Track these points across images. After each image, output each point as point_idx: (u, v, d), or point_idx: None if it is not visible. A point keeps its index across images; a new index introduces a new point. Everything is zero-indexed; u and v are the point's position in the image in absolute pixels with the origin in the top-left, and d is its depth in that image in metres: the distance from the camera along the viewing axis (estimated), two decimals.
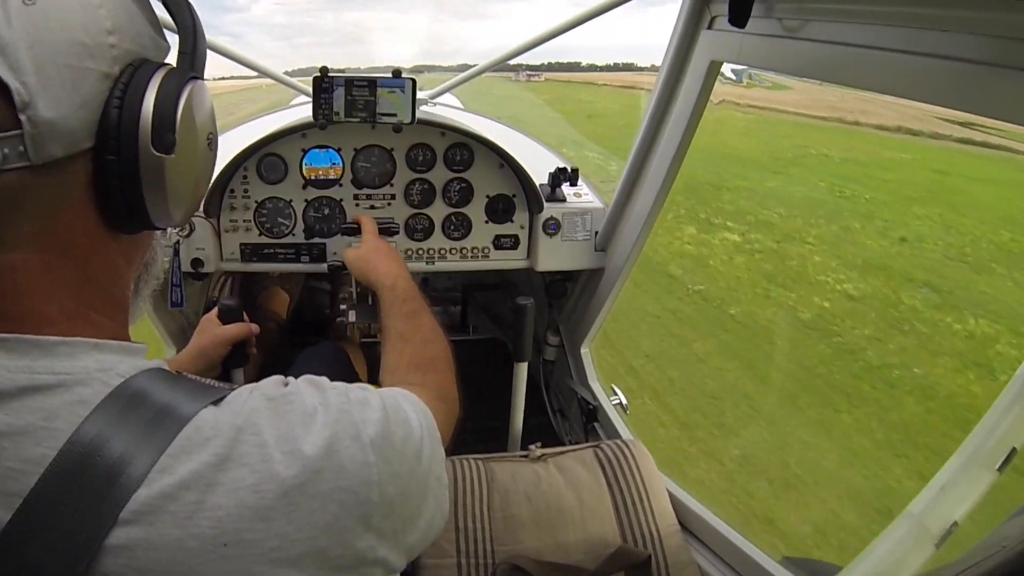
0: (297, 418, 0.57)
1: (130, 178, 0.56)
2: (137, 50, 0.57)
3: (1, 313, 0.52)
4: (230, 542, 0.49)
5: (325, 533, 0.53)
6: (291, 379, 0.64)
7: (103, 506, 0.48)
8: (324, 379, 0.65)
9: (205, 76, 0.64)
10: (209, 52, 0.67)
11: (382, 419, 0.62)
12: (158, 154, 0.56)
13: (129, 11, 0.57)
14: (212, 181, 1.68)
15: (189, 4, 0.62)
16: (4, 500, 0.47)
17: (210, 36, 0.67)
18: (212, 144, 0.65)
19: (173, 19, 0.62)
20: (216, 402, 0.56)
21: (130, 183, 0.56)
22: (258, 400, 0.57)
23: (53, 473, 0.48)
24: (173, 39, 0.65)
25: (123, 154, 0.55)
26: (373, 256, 1.35)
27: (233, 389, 0.59)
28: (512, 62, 2.02)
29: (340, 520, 0.54)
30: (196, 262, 1.73)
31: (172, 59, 0.63)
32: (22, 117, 0.48)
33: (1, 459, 0.48)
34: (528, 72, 41.06)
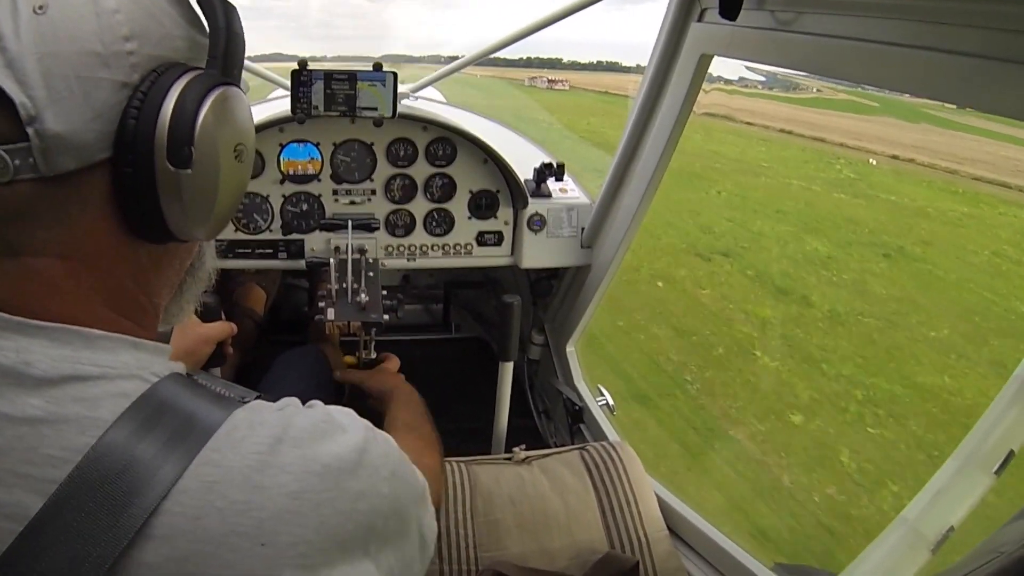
0: (330, 436, 0.58)
1: (148, 192, 0.54)
2: (165, 54, 0.55)
3: (32, 314, 0.52)
4: (267, 542, 0.50)
5: (341, 548, 0.54)
6: (314, 401, 0.64)
7: (143, 498, 0.48)
8: (352, 412, 0.65)
9: None
10: None
11: (398, 459, 0.64)
12: (174, 169, 0.53)
13: (155, 13, 0.55)
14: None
15: (225, 2, 0.58)
16: (41, 487, 0.47)
17: None
18: (242, 156, 0.61)
19: (205, 18, 0.59)
20: (242, 405, 0.56)
21: (148, 197, 0.54)
22: (294, 413, 0.59)
23: (94, 459, 0.48)
24: None
25: (139, 167, 0.53)
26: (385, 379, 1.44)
27: (251, 398, 0.59)
28: (508, 55, 1.98)
29: (352, 539, 0.56)
30: None
31: None
32: (29, 131, 0.48)
33: (41, 446, 0.48)
34: (550, 79, 30.92)
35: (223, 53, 0.58)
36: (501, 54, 1.85)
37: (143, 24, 0.53)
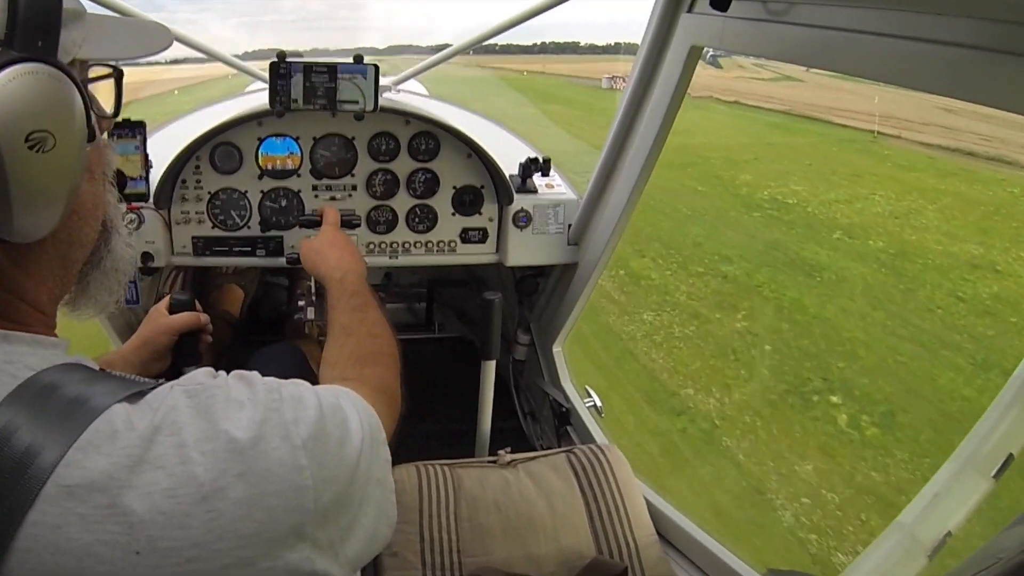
0: (220, 415, 0.53)
1: None
2: None
3: None
4: (142, 550, 0.46)
5: (251, 543, 0.50)
6: (221, 373, 0.60)
7: (8, 504, 0.44)
8: (255, 374, 0.60)
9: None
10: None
11: (317, 419, 0.57)
12: None
13: None
14: (164, 170, 1.61)
15: None
16: None
17: (164, 19, 0.57)
18: (44, 145, 0.52)
19: None
20: (133, 396, 0.52)
21: None
22: (178, 396, 0.53)
23: None
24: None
25: None
26: (326, 248, 1.27)
27: (158, 384, 0.55)
28: (521, 42, 1.93)
29: (268, 529, 0.50)
30: (146, 256, 1.65)
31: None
32: None
33: None
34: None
35: (20, 22, 0.50)
36: (516, 40, 1.80)
37: None
